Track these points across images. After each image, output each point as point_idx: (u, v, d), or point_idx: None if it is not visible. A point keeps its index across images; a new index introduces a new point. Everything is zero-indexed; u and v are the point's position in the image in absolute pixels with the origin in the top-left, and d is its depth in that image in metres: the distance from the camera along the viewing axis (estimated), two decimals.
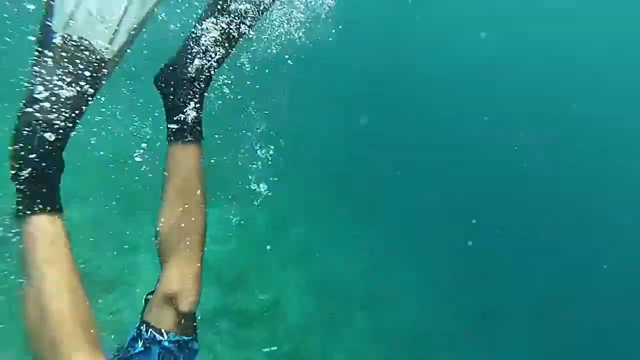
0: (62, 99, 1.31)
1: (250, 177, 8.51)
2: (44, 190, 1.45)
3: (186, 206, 1.66)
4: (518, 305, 13.88)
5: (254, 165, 8.72)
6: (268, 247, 8.76)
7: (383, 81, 17.17)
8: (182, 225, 1.67)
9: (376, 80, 17.15)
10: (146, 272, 6.57)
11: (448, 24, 18.26)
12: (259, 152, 9.05)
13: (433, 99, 17.49)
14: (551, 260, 16.19)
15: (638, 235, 17.25)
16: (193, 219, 1.68)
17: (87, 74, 1.37)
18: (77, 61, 1.33)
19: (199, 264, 1.74)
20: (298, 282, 9.03)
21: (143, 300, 1.89)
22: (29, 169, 1.37)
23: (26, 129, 1.30)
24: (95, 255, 6.66)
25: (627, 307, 15.60)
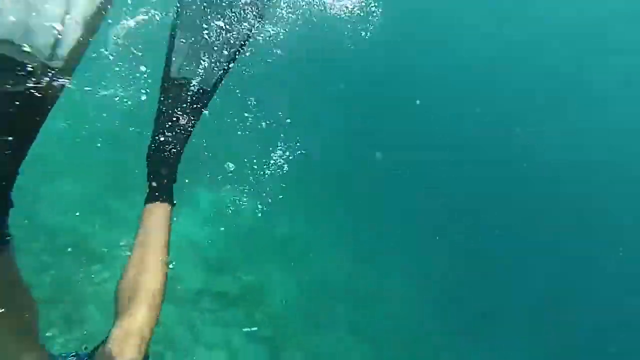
0: None
1: (247, 163, 8.62)
2: None
3: (148, 265, 1.68)
4: (518, 305, 13.78)
5: (253, 156, 8.83)
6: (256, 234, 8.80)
7: (383, 81, 17.19)
8: (140, 283, 1.65)
9: (376, 80, 17.18)
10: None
11: (448, 24, 18.29)
12: (259, 144, 9.14)
13: (433, 99, 17.47)
14: (551, 260, 16.11)
15: (638, 235, 17.13)
16: (152, 279, 1.67)
17: (26, 92, 0.96)
18: (10, 75, 0.93)
19: (147, 326, 1.67)
20: (284, 271, 9.11)
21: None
22: None
23: None
24: (83, 226, 6.76)
25: (627, 307, 15.48)
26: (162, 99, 1.68)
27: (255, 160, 8.75)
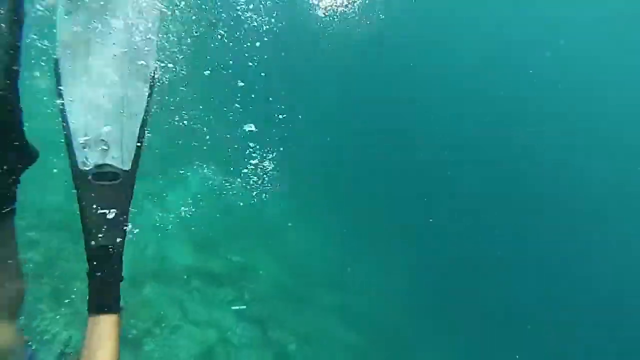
0: None
1: (240, 147, 8.60)
2: None
3: None
4: (510, 305, 13.82)
5: (245, 140, 8.80)
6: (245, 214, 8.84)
7: (382, 80, 16.97)
8: None
9: (376, 79, 16.95)
10: None
11: (448, 24, 17.98)
12: (253, 131, 9.13)
13: (431, 99, 17.32)
14: (547, 260, 16.16)
15: (636, 235, 17.24)
16: None
17: None
18: None
19: None
20: (273, 253, 9.19)
21: None
22: None
23: None
24: (71, 203, 6.62)
25: (627, 307, 15.66)
26: (79, 198, 1.41)
27: (248, 144, 8.71)
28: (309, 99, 14.18)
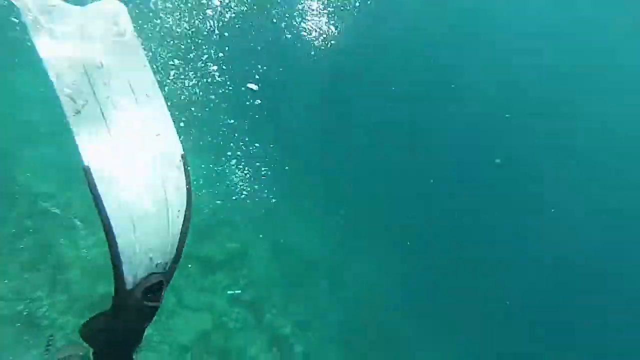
0: None
1: (237, 135, 8.57)
2: None
3: None
4: (515, 305, 13.86)
5: (244, 129, 8.78)
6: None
7: (381, 80, 16.82)
8: None
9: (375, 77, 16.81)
10: None
11: (448, 24, 17.76)
12: (252, 121, 9.08)
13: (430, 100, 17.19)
14: (548, 260, 16.18)
15: (636, 236, 17.27)
16: None
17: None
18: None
19: None
20: (267, 241, 9.26)
21: None
22: None
23: None
24: (65, 192, 6.70)
25: (628, 306, 15.75)
26: (117, 317, 1.25)
27: (245, 133, 8.69)
28: (309, 96, 14.10)
